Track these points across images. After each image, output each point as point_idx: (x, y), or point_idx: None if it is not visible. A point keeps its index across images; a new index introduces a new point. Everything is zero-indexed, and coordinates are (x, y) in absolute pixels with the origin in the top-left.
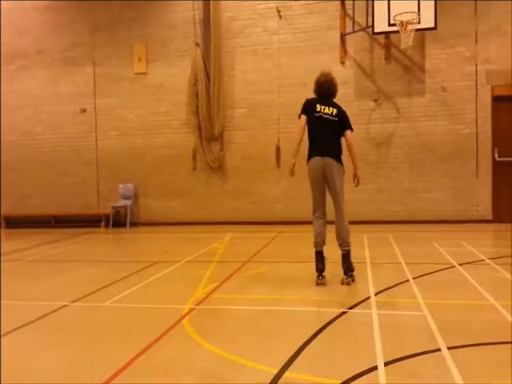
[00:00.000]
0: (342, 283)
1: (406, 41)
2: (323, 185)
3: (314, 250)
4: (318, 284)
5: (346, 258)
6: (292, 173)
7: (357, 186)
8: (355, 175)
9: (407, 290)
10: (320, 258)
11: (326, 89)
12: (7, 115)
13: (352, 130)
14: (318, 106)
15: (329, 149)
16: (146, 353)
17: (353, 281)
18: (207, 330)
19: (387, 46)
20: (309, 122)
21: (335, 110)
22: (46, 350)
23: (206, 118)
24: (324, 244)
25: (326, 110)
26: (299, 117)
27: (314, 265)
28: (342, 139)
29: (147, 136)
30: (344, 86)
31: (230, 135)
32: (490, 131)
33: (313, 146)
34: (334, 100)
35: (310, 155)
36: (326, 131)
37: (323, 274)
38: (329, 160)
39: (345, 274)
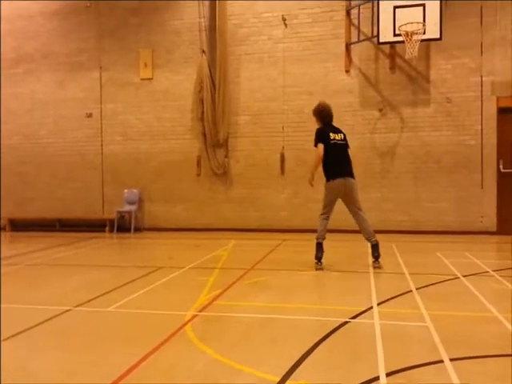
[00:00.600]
0: (374, 267)
1: (411, 51)
2: (338, 199)
3: (315, 241)
4: (316, 269)
5: (376, 247)
6: (311, 184)
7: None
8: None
9: (410, 301)
10: (320, 248)
11: (331, 117)
12: (13, 118)
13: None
14: (331, 134)
15: (348, 170)
16: (148, 359)
17: (380, 267)
18: (209, 337)
19: (392, 56)
20: (326, 149)
21: (342, 135)
22: (46, 353)
23: (211, 124)
24: (324, 238)
25: (337, 137)
26: (316, 145)
27: (315, 273)
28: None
29: (152, 142)
30: (349, 95)
31: (235, 142)
32: (495, 142)
33: (334, 169)
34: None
35: (334, 177)
36: (341, 155)
37: (322, 260)
38: (350, 180)
39: (376, 259)
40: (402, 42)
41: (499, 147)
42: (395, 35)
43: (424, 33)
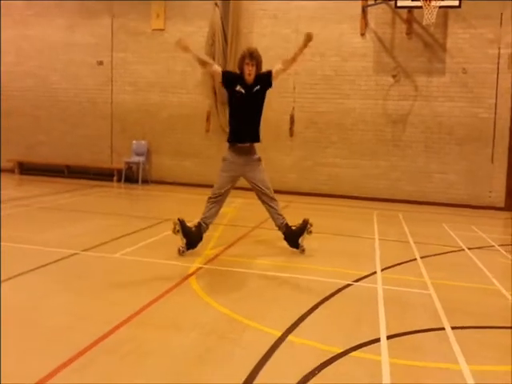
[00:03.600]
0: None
1: (429, 17)
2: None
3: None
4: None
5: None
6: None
7: None
8: None
9: (414, 269)
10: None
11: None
12: (23, 60)
13: None
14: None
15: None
16: (153, 306)
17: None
18: (214, 289)
19: (409, 21)
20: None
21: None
22: (52, 295)
23: None
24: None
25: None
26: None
27: (320, 235)
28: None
29: (162, 94)
30: (362, 59)
31: None
32: (508, 117)
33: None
34: None
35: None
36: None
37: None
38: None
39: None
40: (420, 7)
41: None
42: (413, 0)
43: None
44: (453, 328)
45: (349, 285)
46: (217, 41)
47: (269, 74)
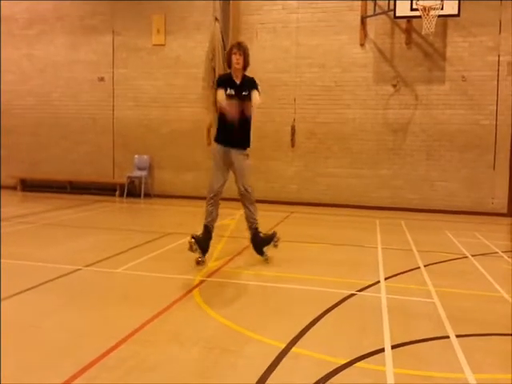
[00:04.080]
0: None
1: (428, 26)
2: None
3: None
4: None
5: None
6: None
7: None
8: None
9: (418, 277)
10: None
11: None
12: (25, 79)
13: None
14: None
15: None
16: (155, 320)
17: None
18: (217, 302)
19: (408, 31)
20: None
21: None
22: (55, 312)
23: None
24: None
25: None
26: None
27: (322, 246)
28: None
29: (163, 109)
30: (362, 70)
31: None
32: (510, 123)
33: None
34: None
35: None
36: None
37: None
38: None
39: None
40: (419, 17)
41: None
42: (412, 10)
43: (442, 8)
44: (457, 336)
45: (352, 294)
46: (217, 55)
47: (254, 82)
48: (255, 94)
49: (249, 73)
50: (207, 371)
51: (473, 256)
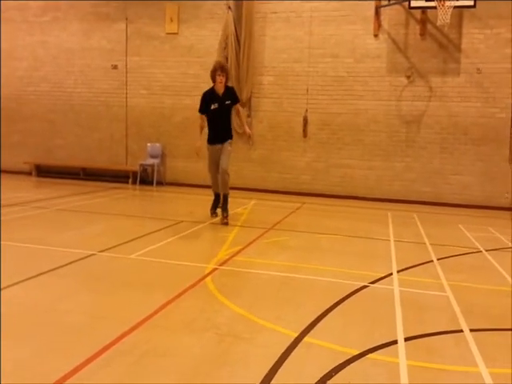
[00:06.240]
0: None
1: (443, 17)
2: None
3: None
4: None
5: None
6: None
7: None
8: None
9: (431, 271)
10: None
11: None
12: (39, 66)
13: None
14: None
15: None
16: (168, 306)
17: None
18: (229, 290)
19: (423, 22)
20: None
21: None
22: (70, 296)
23: (235, 83)
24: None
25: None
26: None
27: (334, 237)
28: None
29: (176, 97)
30: (376, 60)
31: (258, 102)
32: None
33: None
34: None
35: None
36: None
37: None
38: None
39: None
40: (434, 7)
41: None
42: (427, 0)
43: None
44: (471, 330)
45: (365, 286)
46: (230, 44)
47: (235, 96)
48: (237, 107)
49: (261, 63)
50: (219, 358)
51: (486, 251)
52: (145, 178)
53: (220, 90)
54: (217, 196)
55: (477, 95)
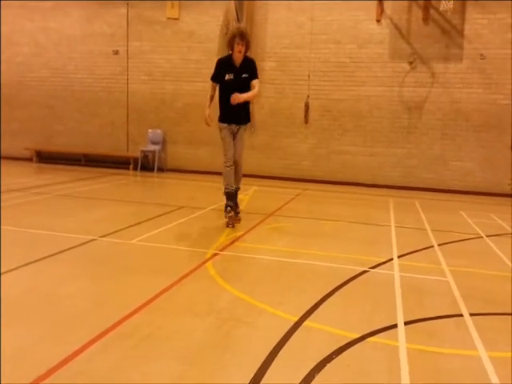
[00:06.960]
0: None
1: (446, 3)
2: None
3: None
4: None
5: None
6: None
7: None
8: None
9: (432, 256)
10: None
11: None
12: (40, 51)
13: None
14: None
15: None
16: (170, 291)
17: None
18: (230, 275)
19: (426, 7)
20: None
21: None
22: (70, 280)
23: None
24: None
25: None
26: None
27: (335, 223)
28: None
29: (177, 83)
30: (378, 46)
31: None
32: None
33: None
34: None
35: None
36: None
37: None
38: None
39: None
40: None
41: None
42: None
43: None
44: (471, 315)
45: (365, 271)
46: (231, 30)
47: (254, 71)
48: (254, 84)
49: (262, 48)
50: (221, 342)
51: (487, 236)
52: (146, 165)
53: (238, 59)
54: (230, 194)
55: (479, 81)
